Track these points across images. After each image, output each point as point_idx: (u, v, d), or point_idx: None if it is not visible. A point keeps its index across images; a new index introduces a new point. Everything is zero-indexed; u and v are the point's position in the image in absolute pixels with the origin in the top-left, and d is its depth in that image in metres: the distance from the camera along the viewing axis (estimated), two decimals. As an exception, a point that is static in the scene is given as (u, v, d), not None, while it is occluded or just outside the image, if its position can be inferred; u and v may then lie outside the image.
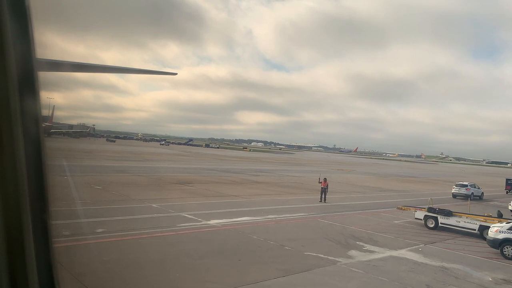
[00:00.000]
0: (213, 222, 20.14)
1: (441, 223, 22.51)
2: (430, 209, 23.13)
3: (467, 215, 22.20)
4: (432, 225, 22.72)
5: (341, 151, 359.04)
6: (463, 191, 41.85)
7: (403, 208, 25.19)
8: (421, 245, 18.61)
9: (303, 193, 36.00)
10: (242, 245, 16.26)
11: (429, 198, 26.19)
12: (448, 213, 22.41)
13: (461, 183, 43.42)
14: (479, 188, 43.40)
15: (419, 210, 23.82)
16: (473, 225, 21.30)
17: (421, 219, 23.36)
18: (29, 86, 1.68)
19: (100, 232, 16.43)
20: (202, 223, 19.78)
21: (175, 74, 30.80)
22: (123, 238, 15.84)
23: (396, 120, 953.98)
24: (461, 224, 21.77)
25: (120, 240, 15.55)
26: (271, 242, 16.85)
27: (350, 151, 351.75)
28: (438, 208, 23.27)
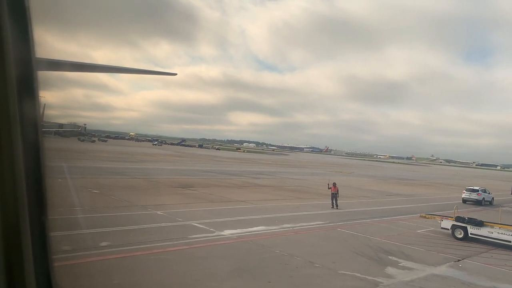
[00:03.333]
0: (227, 233, 18.29)
1: (471, 234, 20.86)
2: (458, 219, 21.49)
3: (500, 225, 20.60)
4: (460, 236, 21.08)
5: (312, 150, 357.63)
6: (474, 196, 40.41)
7: (427, 216, 23.52)
8: (458, 260, 16.95)
9: (311, 198, 34.28)
10: (267, 262, 14.44)
11: (454, 206, 24.58)
12: (479, 223, 20.80)
13: (472, 187, 41.97)
14: (489, 193, 42.01)
15: (446, 219, 22.18)
16: (508, 236, 19.67)
17: (448, 229, 21.70)
18: (28, 86, 1.66)
19: (105, 246, 14.51)
20: (216, 234, 17.92)
21: (175, 74, 29.20)
22: (132, 254, 13.92)
23: (388, 122, 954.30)
24: (494, 235, 20.14)
25: (130, 257, 13.64)
26: (298, 258, 15.04)
27: (321, 150, 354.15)
28: (468, 217, 21.65)
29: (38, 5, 1.84)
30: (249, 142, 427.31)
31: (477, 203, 39.92)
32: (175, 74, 27.16)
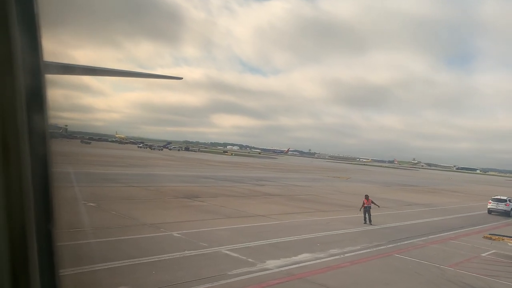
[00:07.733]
0: (271, 265, 14.41)
1: (555, 261, 17.49)
2: (537, 242, 18.12)
3: None
4: (541, 263, 17.69)
5: (274, 151, 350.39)
6: (501, 206, 37.30)
7: (494, 238, 20.10)
8: None
9: (334, 210, 30.63)
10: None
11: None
12: None
13: (499, 197, 38.81)
14: (516, 203, 38.98)
15: (519, 242, 18.79)
16: None
17: (524, 254, 18.31)
18: (37, 90, 1.59)
19: (124, 294, 10.48)
20: (259, 267, 13.99)
21: (181, 78, 25.60)
22: (166, 309, 9.92)
23: (370, 126, 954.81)
24: None
25: (165, 315, 9.64)
26: (383, 306, 11.26)
27: (282, 152, 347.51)
28: (549, 241, 18.29)
29: (48, 10, 1.69)
30: (233, 144, 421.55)
31: (505, 214, 36.86)
32: (180, 78, 23.94)
